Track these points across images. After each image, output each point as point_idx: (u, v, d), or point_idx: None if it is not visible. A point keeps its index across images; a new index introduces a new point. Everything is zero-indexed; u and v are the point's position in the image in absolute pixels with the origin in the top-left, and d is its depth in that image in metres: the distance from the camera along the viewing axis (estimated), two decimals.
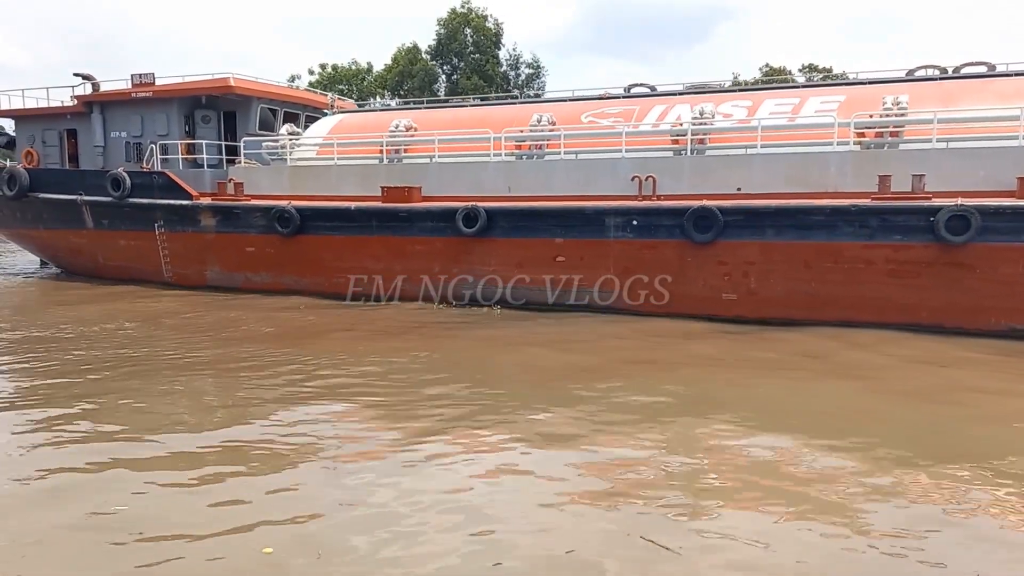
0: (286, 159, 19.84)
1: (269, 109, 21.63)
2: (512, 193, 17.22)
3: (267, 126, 21.67)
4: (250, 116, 21.19)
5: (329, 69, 61.11)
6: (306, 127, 21.88)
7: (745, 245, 14.78)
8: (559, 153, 17.13)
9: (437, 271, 17.29)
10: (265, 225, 18.56)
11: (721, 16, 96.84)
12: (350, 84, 58.57)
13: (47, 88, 22.40)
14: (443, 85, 57.16)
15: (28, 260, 27.27)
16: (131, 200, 19.75)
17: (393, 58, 58.73)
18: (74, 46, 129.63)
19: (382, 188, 17.95)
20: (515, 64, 55.51)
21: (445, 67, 57.47)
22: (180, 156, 20.69)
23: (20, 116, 23.14)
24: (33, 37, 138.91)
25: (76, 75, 21.49)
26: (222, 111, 21.36)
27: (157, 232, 19.78)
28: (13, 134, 23.58)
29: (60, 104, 22.62)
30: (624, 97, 18.42)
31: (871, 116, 15.12)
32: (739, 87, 23.38)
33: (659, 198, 15.73)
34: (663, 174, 15.94)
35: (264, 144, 20.25)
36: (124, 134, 21.52)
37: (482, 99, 21.06)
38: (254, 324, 15.18)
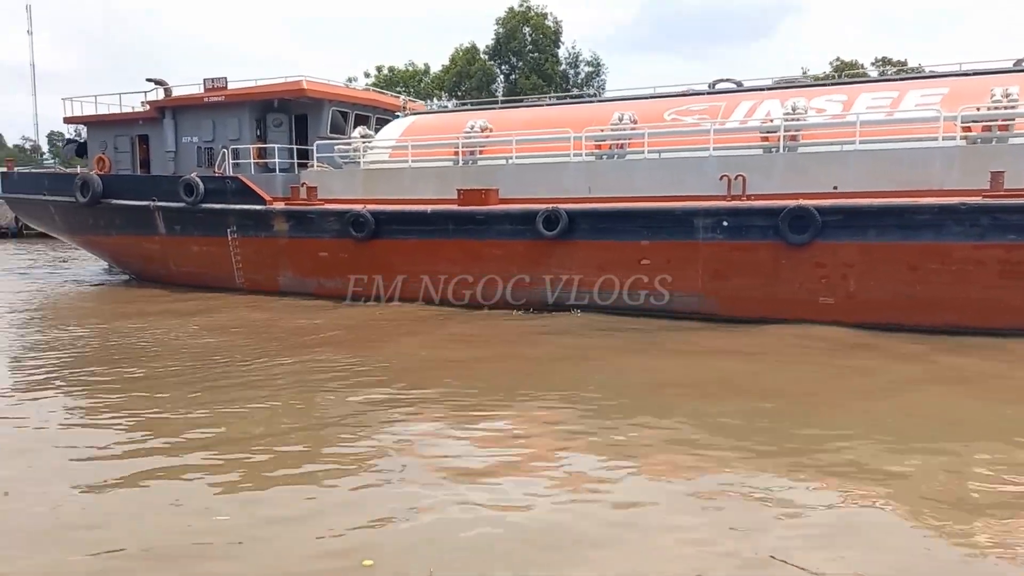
0: (359, 162, 19.87)
1: (340, 112, 21.72)
2: (593, 194, 16.96)
3: (338, 129, 21.75)
4: (321, 119, 21.29)
5: (386, 71, 61.68)
6: (377, 130, 21.95)
7: (844, 246, 14.23)
8: (642, 152, 16.81)
9: (515, 274, 17.11)
10: (339, 229, 18.57)
11: (784, 11, 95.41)
12: (407, 86, 58.94)
13: (119, 94, 22.84)
14: (501, 85, 57.20)
15: (95, 267, 27.92)
16: (204, 205, 19.95)
17: (451, 59, 59.01)
18: (115, 50, 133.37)
19: (458, 191, 17.82)
20: (574, 62, 55.28)
21: (503, 67, 57.55)
22: (252, 160, 20.90)
23: (92, 122, 23.63)
24: (75, 42, 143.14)
25: (149, 80, 21.86)
26: (293, 114, 21.47)
27: (229, 237, 19.97)
28: (85, 140, 24.18)
29: (131, 110, 23.11)
30: (709, 93, 17.99)
31: (979, 109, 14.49)
32: (832, 81, 22.72)
33: (749, 198, 15.29)
34: (753, 172, 15.49)
35: (336, 147, 20.34)
36: (195, 139, 21.82)
37: (558, 98, 20.79)
38: (336, 330, 15.19)
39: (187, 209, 20.14)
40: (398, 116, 21.61)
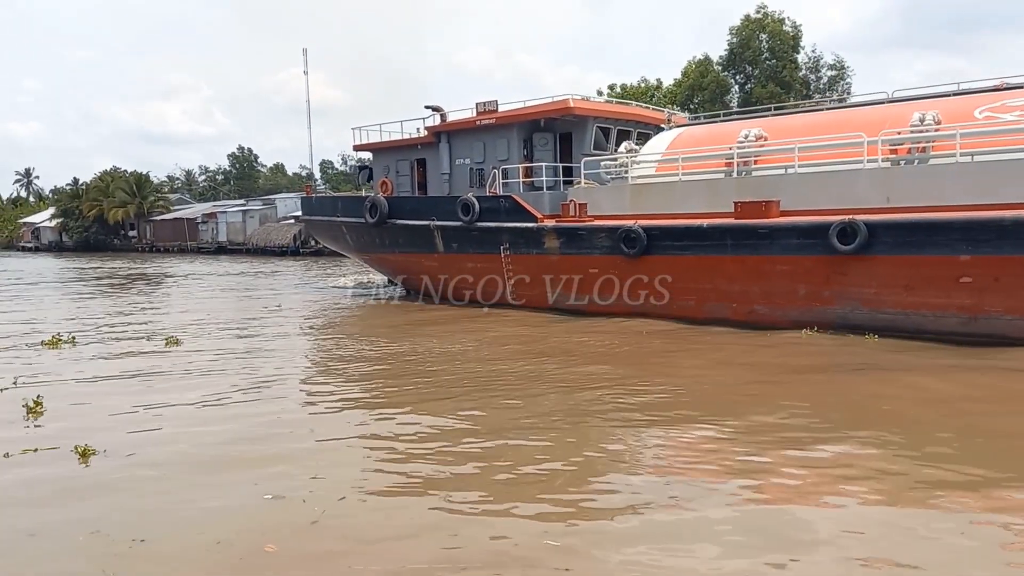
0: (626, 177, 18.79)
1: (602, 128, 20.82)
2: (892, 204, 14.62)
3: (599, 145, 20.85)
4: (585, 136, 20.50)
5: (618, 89, 60.65)
6: (639, 144, 20.79)
7: None
8: (953, 156, 14.26)
9: (803, 293, 15.18)
10: (609, 246, 17.58)
11: None
12: (639, 102, 57.51)
13: (401, 121, 23.52)
14: (736, 95, 54.19)
15: (364, 283, 29.11)
16: (479, 224, 19.82)
17: (683, 72, 56.83)
18: (380, 83, 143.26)
19: (735, 203, 16.17)
20: (815, 67, 51.07)
21: (738, 76, 54.50)
22: (520, 180, 20.52)
23: (377, 149, 24.56)
24: (349, 78, 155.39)
25: (427, 107, 22.24)
26: (558, 133, 20.91)
27: (502, 254, 19.66)
28: (371, 166, 25.17)
29: (410, 135, 23.66)
30: None
31: None
32: None
33: None
34: None
35: (602, 163, 19.41)
36: (467, 160, 21.86)
37: (838, 101, 18.43)
38: (615, 348, 14.20)
39: (463, 227, 20.11)
40: (663, 129, 20.27)
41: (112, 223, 74.06)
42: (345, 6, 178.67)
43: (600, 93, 60.97)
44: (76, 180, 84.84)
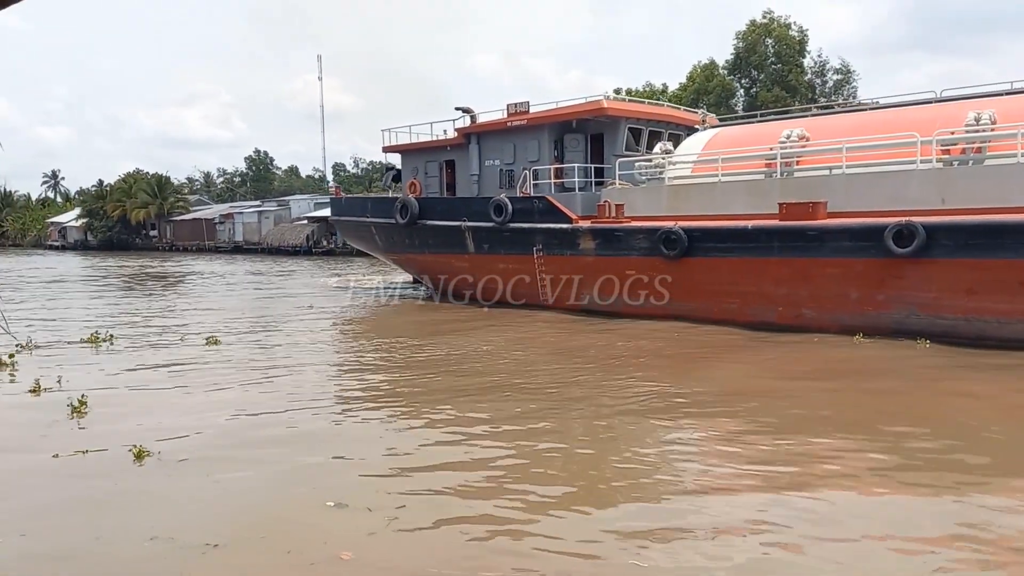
0: (663, 178, 17.66)
1: (633, 129, 19.68)
2: (947, 206, 13.51)
3: (630, 147, 19.71)
4: (618, 137, 19.35)
5: (623, 93, 59.46)
6: (671, 145, 19.68)
7: None
8: (1015, 156, 13.12)
9: (855, 297, 14.07)
10: (648, 247, 16.47)
11: None
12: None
13: (430, 123, 22.40)
14: (741, 99, 52.96)
15: (390, 283, 28.02)
16: (512, 225, 18.69)
17: (688, 76, 55.59)
18: (392, 89, 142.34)
19: (780, 205, 15.06)
20: (821, 71, 49.84)
21: (743, 81, 53.27)
22: (551, 181, 19.40)
23: (406, 150, 23.41)
24: (362, 85, 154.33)
25: (457, 109, 21.12)
26: (589, 134, 19.78)
27: (535, 256, 18.52)
28: (399, 168, 24.02)
29: (437, 137, 22.54)
30: None
31: None
32: None
33: None
34: None
35: (636, 164, 18.29)
36: (497, 162, 20.73)
37: (875, 101, 17.32)
38: (659, 350, 13.11)
39: (495, 228, 18.99)
40: (696, 130, 19.13)
41: (134, 223, 72.81)
42: (358, 15, 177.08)
43: (607, 97, 59.74)
44: (101, 182, 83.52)
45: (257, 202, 75.30)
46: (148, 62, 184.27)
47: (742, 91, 53.56)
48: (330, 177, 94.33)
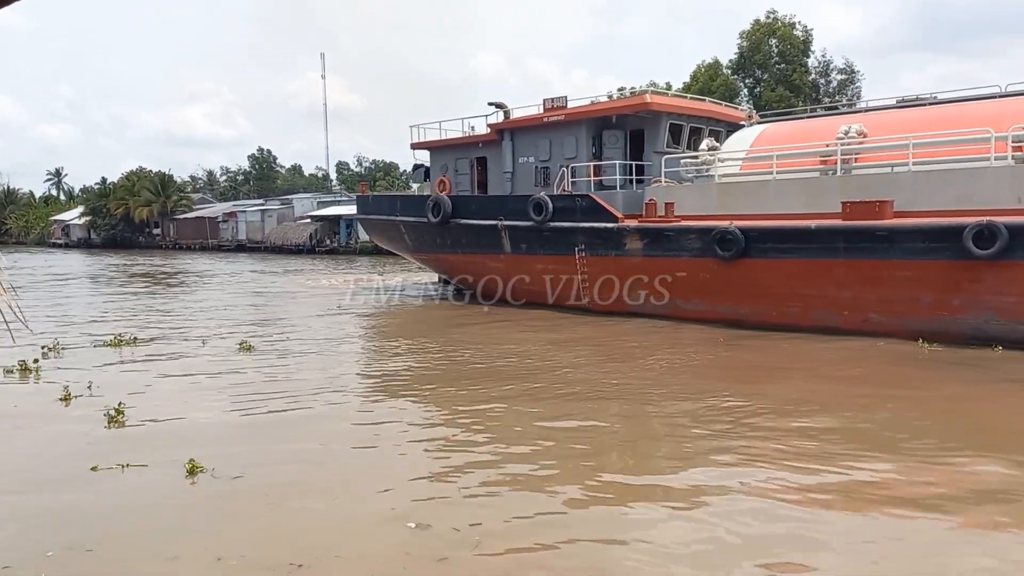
0: (712, 176, 16.59)
1: (674, 126, 18.56)
2: None
3: (669, 144, 18.61)
4: (659, 134, 18.22)
5: (628, 92, 58.39)
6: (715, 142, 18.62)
7: None
8: None
9: (928, 302, 13.04)
10: (700, 248, 15.40)
11: None
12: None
13: (461, 119, 21.18)
14: (744, 99, 51.98)
15: (420, 284, 26.88)
16: (552, 224, 17.53)
17: (692, 76, 54.59)
18: (396, 89, 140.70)
19: (843, 204, 14.02)
20: (825, 71, 48.91)
21: (747, 80, 52.30)
22: (590, 178, 18.28)
23: (435, 147, 22.19)
24: (366, 84, 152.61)
25: (490, 104, 19.91)
26: (629, 130, 18.66)
27: (576, 256, 17.41)
28: (428, 165, 22.78)
29: (466, 135, 21.36)
30: None
31: None
32: None
33: None
34: None
35: (682, 161, 17.21)
36: (532, 159, 19.57)
37: (933, 96, 16.30)
38: (731, 359, 12.05)
39: (534, 228, 17.84)
40: (740, 126, 18.05)
41: (138, 221, 71.18)
42: (362, 14, 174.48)
43: (610, 96, 58.73)
44: (104, 180, 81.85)
45: (260, 201, 73.84)
46: (152, 61, 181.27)
47: (746, 91, 52.60)
48: (334, 176, 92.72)
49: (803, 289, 14.29)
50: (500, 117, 20.05)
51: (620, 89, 59.56)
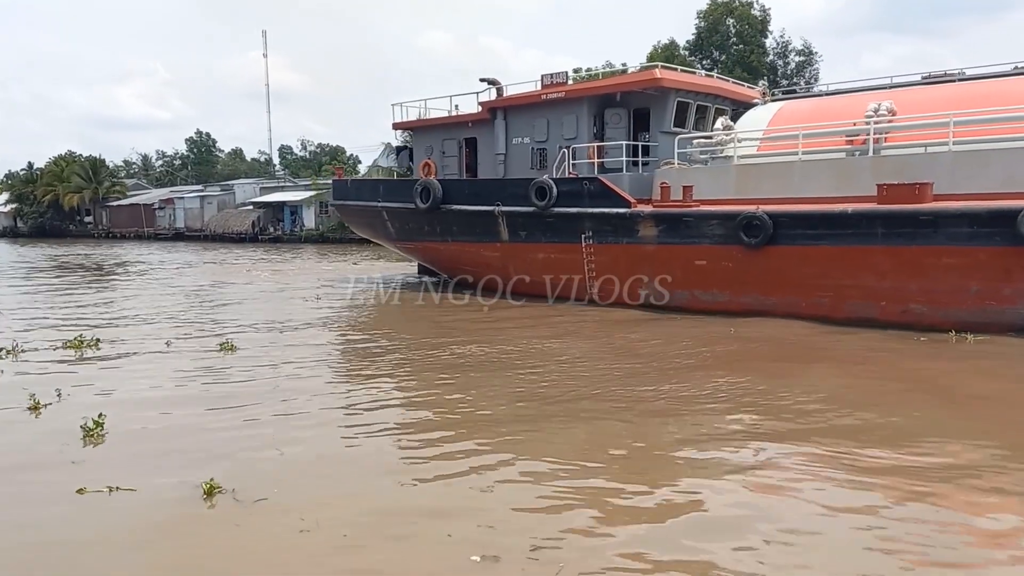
0: (731, 156, 15.46)
1: (681, 103, 17.33)
2: None
3: (678, 123, 17.40)
4: (666, 112, 16.97)
5: (584, 72, 57.14)
6: (713, 121, 17.50)
7: None
8: None
9: (975, 291, 12.22)
10: (723, 235, 14.28)
11: None
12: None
13: (450, 96, 19.46)
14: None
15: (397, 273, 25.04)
16: (555, 210, 16.12)
17: (648, 56, 53.70)
18: (342, 68, 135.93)
19: (879, 186, 13.07)
20: (783, 52, 48.67)
21: (704, 62, 51.69)
22: (593, 160, 16.93)
23: (418, 127, 20.43)
24: (310, 63, 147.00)
25: (482, 80, 18.30)
26: (633, 108, 17.35)
27: (583, 244, 16.07)
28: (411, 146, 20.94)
29: (449, 114, 19.69)
30: None
31: None
32: None
33: None
34: None
35: (695, 141, 16.02)
36: (527, 140, 18.08)
37: (961, 71, 15.47)
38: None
39: (536, 214, 16.38)
40: (754, 104, 16.94)
41: (67, 208, 66.59)
42: None
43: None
44: (31, 165, 76.41)
45: (199, 186, 70.21)
46: (78, 35, 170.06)
47: (703, 72, 52.00)
48: (277, 160, 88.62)
49: (837, 278, 13.32)
50: (492, 95, 18.47)
51: (575, 70, 58.34)
